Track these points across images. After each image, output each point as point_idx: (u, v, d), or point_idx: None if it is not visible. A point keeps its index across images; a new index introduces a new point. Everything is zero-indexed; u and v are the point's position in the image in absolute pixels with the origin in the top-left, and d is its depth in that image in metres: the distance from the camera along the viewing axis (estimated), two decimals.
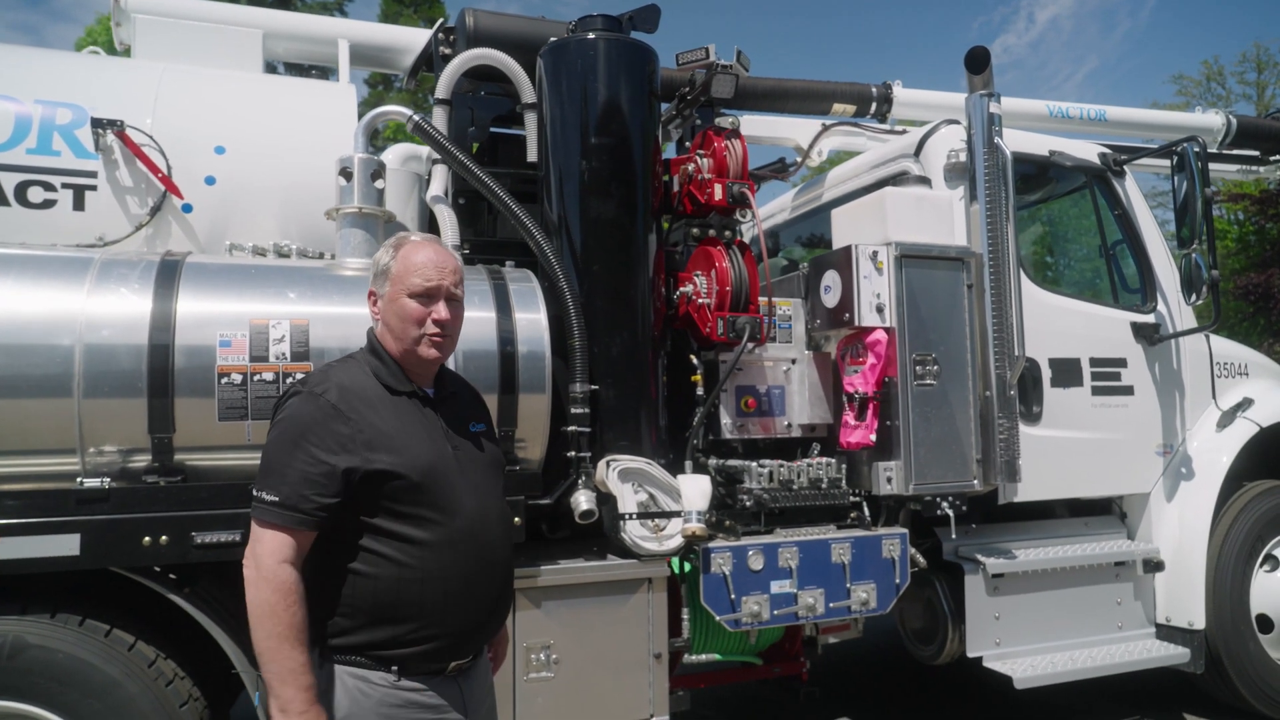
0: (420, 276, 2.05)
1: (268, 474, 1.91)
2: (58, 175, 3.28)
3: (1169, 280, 4.55)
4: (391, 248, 2.13)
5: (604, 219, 3.62)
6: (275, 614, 1.81)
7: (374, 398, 2.01)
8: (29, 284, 2.77)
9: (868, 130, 5.10)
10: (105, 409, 2.72)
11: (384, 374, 2.07)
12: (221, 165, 3.48)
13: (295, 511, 1.86)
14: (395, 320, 2.06)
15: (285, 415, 1.95)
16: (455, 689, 2.02)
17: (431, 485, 1.97)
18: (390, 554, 1.93)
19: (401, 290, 2.05)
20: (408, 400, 2.07)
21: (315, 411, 1.92)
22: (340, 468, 1.88)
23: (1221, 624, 4.30)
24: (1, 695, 2.59)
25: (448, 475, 2.00)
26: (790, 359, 3.91)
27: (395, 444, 1.95)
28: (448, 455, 2.05)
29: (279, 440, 1.93)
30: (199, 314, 2.85)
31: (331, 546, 1.93)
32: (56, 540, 2.59)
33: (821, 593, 3.53)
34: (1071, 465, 4.21)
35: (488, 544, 2.06)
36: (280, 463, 1.89)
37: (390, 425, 1.98)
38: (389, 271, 2.08)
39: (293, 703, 1.79)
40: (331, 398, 1.94)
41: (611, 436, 3.48)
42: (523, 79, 3.89)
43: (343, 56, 4.27)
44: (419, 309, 2.05)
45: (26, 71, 3.44)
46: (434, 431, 2.07)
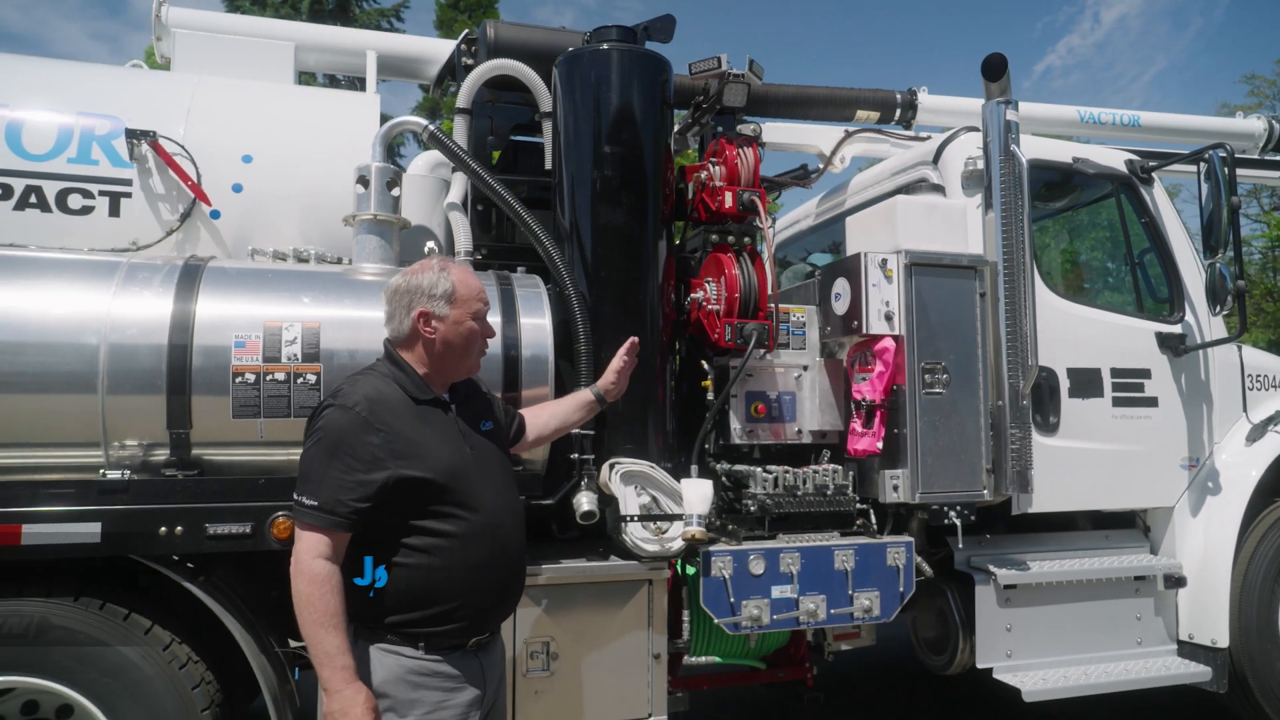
0: (482, 301, 2.32)
1: (306, 480, 2.09)
2: (95, 183, 3.48)
3: (1198, 290, 4.44)
4: (437, 269, 2.28)
5: (614, 225, 3.68)
6: (312, 604, 2.00)
7: (399, 407, 2.19)
8: (61, 286, 2.95)
9: (892, 136, 5.09)
10: (127, 405, 2.88)
11: (407, 384, 2.24)
12: (248, 173, 3.64)
13: (332, 515, 2.05)
14: (462, 341, 2.29)
15: (321, 426, 2.13)
16: (475, 662, 2.24)
17: (455, 485, 2.17)
18: (421, 546, 2.13)
19: (467, 313, 2.28)
20: (430, 408, 2.26)
21: (348, 424, 2.10)
22: (372, 477, 2.07)
23: (1247, 643, 4.19)
24: (27, 672, 2.77)
25: (468, 475, 2.20)
26: (802, 365, 3.92)
27: (421, 450, 2.15)
28: (466, 456, 2.24)
29: (316, 449, 2.10)
30: (217, 316, 2.99)
31: (368, 541, 2.12)
32: (79, 528, 2.75)
33: (823, 599, 3.54)
34: (1090, 477, 4.14)
35: (505, 534, 2.27)
36: (318, 471, 2.08)
37: (416, 433, 2.17)
38: (451, 295, 2.25)
39: (331, 681, 1.99)
40: (362, 411, 2.11)
41: (617, 440, 3.54)
42: (540, 88, 3.98)
43: (370, 67, 4.43)
44: (483, 331, 2.34)
45: (70, 85, 3.65)
46: (453, 435, 2.26)
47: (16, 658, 2.75)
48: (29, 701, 2.90)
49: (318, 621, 1.99)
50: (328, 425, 2.11)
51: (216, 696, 2.95)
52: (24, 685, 2.81)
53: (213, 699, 2.93)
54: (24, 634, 2.74)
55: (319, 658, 2.00)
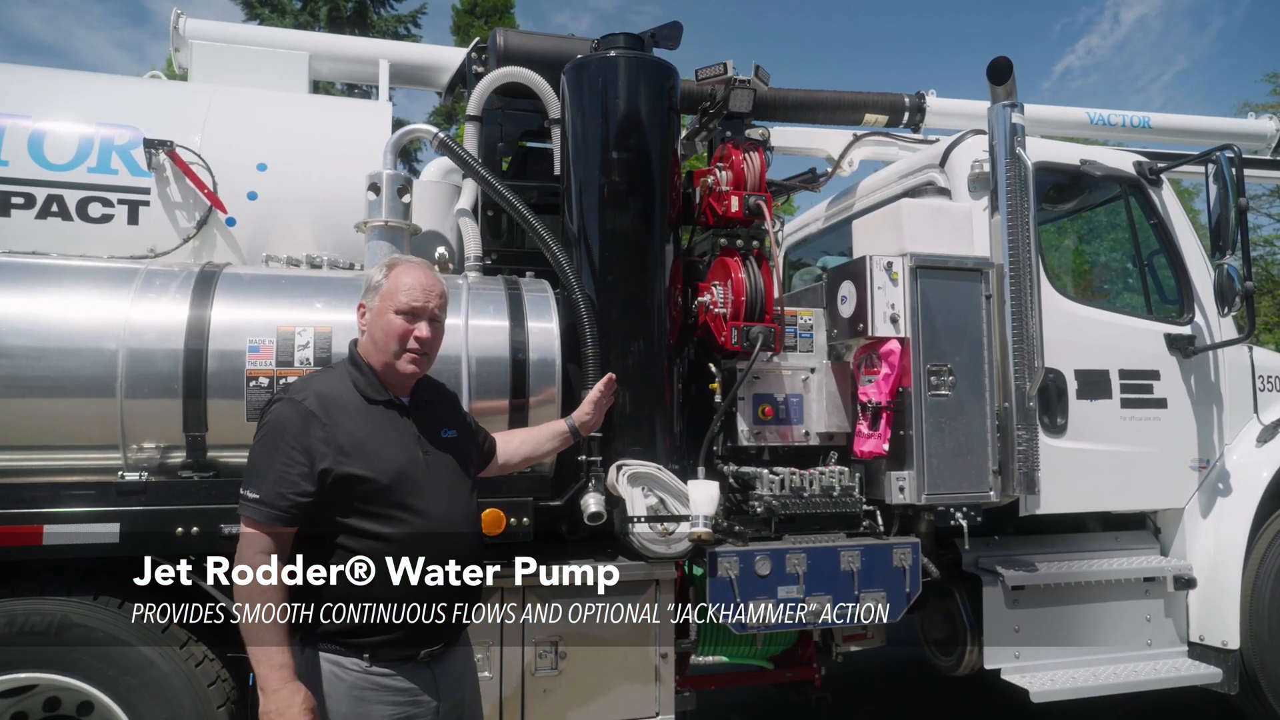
0: (407, 295, 2.22)
1: (251, 474, 2.08)
2: (115, 192, 3.56)
3: (1207, 292, 4.43)
4: (385, 266, 2.30)
5: (621, 230, 3.73)
6: (251, 603, 1.97)
7: (350, 405, 2.16)
8: (81, 293, 3.04)
9: (900, 140, 5.10)
10: (145, 409, 2.96)
11: (361, 383, 2.22)
12: (263, 181, 3.72)
13: (273, 508, 2.02)
14: (380, 334, 2.22)
15: (268, 420, 2.12)
16: (428, 674, 2.16)
17: (399, 487, 2.11)
18: (360, 550, 2.08)
19: (389, 306, 2.21)
20: (383, 409, 2.22)
21: (295, 416, 2.08)
22: (314, 469, 2.04)
23: (1259, 644, 4.17)
24: (48, 669, 2.84)
25: (417, 479, 2.15)
26: (809, 368, 3.94)
27: (366, 449, 2.10)
28: (418, 460, 2.19)
29: (262, 443, 2.10)
30: (231, 321, 3.06)
31: (311, 543, 2.08)
32: (98, 529, 2.83)
33: (829, 599, 3.56)
34: (1099, 478, 4.14)
35: (452, 543, 2.18)
36: (262, 464, 2.06)
37: (363, 431, 2.13)
38: (379, 288, 2.25)
39: (268, 681, 1.95)
40: (310, 404, 2.09)
41: (625, 442, 3.58)
42: (549, 95, 4.04)
43: (383, 76, 4.50)
44: (403, 325, 2.21)
45: (90, 96, 3.74)
46: (406, 437, 2.22)
47: (39, 655, 2.83)
48: (51, 698, 2.98)
49: (255, 619, 1.95)
50: (274, 419, 2.09)
51: (232, 694, 3.02)
52: (46, 682, 2.88)
53: (228, 696, 3.00)
54: (45, 632, 2.81)
55: (256, 656, 1.96)
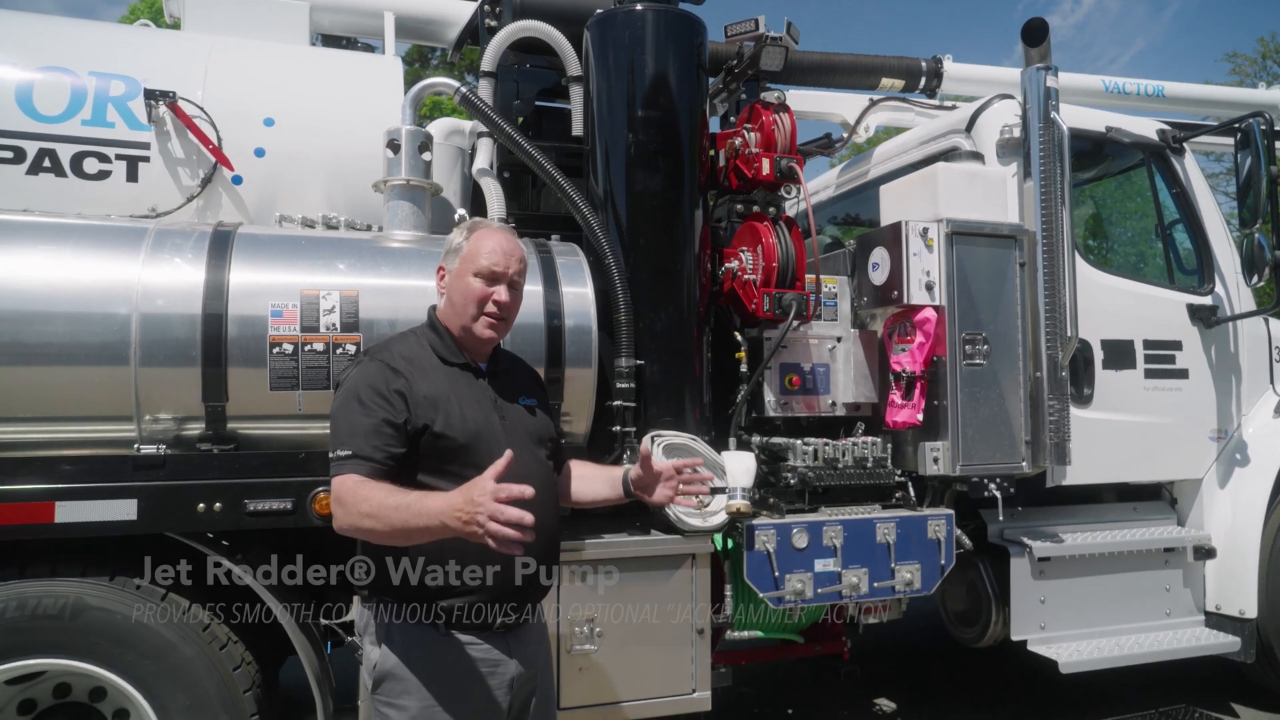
0: (488, 259, 2.16)
1: (338, 435, 2.00)
2: (112, 146, 3.32)
3: (1228, 262, 4.42)
4: (466, 229, 2.25)
5: (650, 194, 3.59)
6: (384, 511, 1.84)
7: (428, 366, 2.13)
8: (87, 254, 2.82)
9: (916, 105, 5.01)
10: (161, 377, 2.76)
11: (439, 346, 2.18)
12: (271, 137, 3.49)
13: (370, 460, 1.94)
14: (459, 296, 2.18)
15: (347, 380, 2.08)
16: (504, 645, 2.11)
17: (476, 446, 2.06)
18: None
19: (469, 269, 2.17)
20: (460, 371, 2.18)
21: (376, 372, 2.05)
22: (400, 420, 2.00)
23: (1275, 613, 4.21)
24: (63, 654, 2.66)
25: (492, 440, 2.08)
26: (835, 337, 3.85)
27: (443, 406, 2.06)
28: (494, 423, 2.14)
29: (344, 402, 2.03)
30: (251, 284, 2.87)
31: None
32: (114, 505, 2.65)
33: (865, 572, 3.50)
34: (1122, 449, 4.12)
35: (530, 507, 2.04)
36: (348, 422, 2.00)
37: (440, 390, 2.09)
38: (460, 250, 2.20)
39: (443, 513, 1.76)
40: (389, 360, 2.07)
41: (656, 412, 3.47)
42: (569, 52, 3.86)
43: (388, 29, 4.28)
44: (482, 288, 2.16)
45: (80, 43, 3.47)
46: (483, 400, 2.17)
47: (48, 639, 2.64)
48: (61, 684, 2.81)
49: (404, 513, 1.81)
50: (354, 378, 2.06)
51: (257, 678, 2.87)
52: (55, 668, 2.70)
53: (253, 680, 2.85)
54: (59, 615, 2.63)
55: (428, 521, 1.78)
